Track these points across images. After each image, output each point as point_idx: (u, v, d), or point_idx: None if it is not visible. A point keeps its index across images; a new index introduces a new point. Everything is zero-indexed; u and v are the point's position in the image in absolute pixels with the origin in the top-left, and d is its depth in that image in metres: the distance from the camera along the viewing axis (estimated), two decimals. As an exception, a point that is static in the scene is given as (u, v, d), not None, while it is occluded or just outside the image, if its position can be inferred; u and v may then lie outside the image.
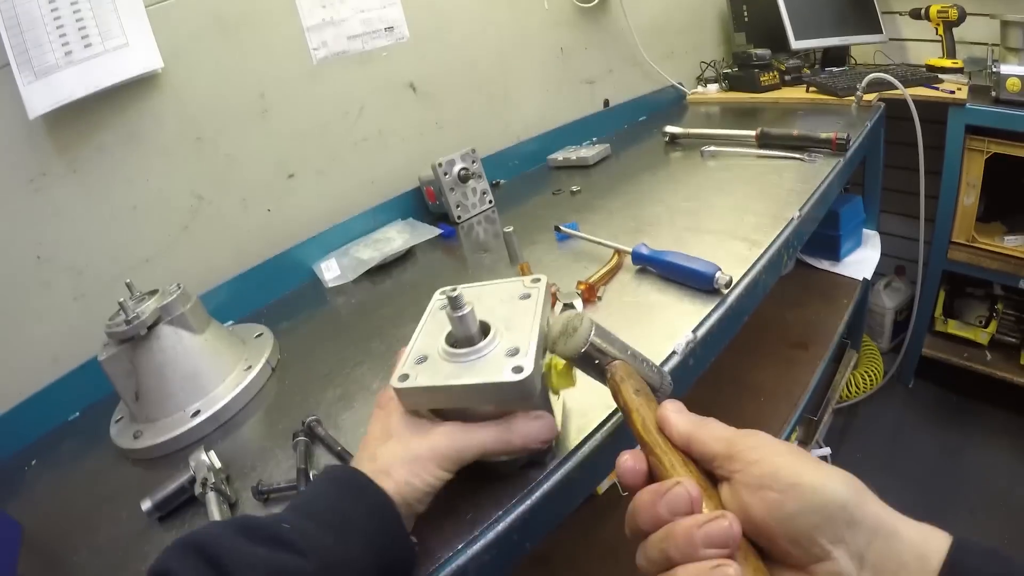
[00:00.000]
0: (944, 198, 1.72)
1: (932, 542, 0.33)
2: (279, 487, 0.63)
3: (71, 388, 0.93)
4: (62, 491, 0.78)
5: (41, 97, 0.86)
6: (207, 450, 0.67)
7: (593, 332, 0.48)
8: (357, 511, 0.45)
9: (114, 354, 0.77)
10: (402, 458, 0.48)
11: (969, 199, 1.68)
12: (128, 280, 0.82)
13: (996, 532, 1.62)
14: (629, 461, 0.41)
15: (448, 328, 0.52)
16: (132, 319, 0.75)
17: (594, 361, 0.48)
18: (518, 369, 0.47)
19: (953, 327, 1.94)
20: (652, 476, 0.40)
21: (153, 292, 0.81)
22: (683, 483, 0.35)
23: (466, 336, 0.50)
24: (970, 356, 1.90)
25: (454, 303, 0.49)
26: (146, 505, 0.63)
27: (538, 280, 0.57)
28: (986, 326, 1.88)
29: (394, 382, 0.49)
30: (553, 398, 0.58)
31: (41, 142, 0.89)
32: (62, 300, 0.94)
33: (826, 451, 1.76)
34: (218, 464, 0.66)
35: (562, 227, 1.06)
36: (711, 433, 0.39)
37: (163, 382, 0.78)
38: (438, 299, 0.59)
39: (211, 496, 0.62)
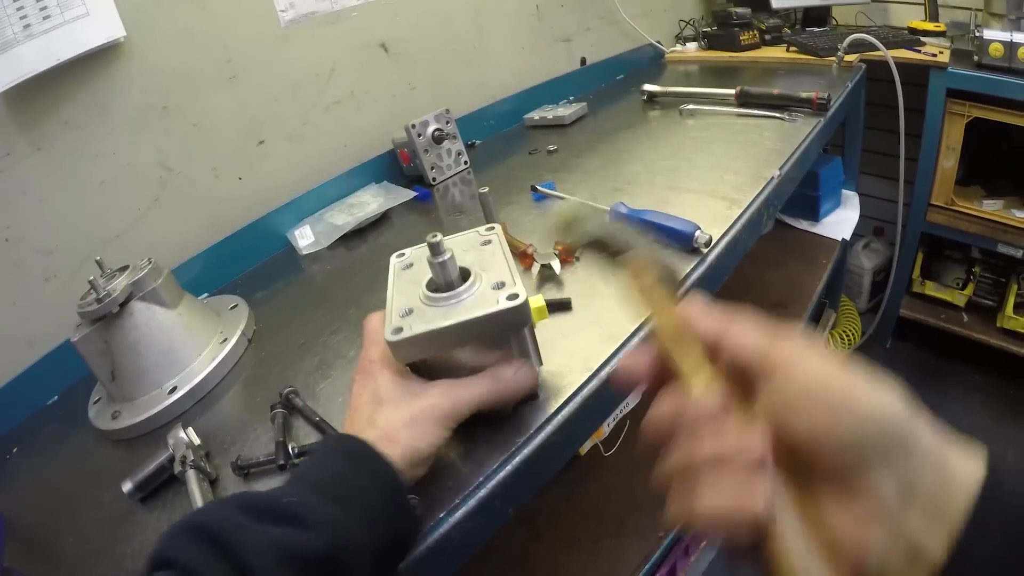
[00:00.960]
0: (924, 161, 1.73)
1: (971, 469, 0.29)
2: (259, 461, 0.61)
3: (48, 371, 0.91)
4: (44, 477, 0.77)
5: (0, 74, 0.82)
6: (185, 427, 0.66)
7: (609, 217, 0.48)
8: (362, 481, 0.44)
9: (87, 334, 0.74)
10: (403, 421, 0.48)
11: (949, 162, 1.69)
12: (98, 257, 0.79)
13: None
14: (632, 358, 0.37)
15: (422, 283, 0.53)
16: (103, 297, 0.73)
17: (608, 248, 0.46)
18: (513, 296, 0.49)
19: (931, 289, 1.97)
20: (666, 381, 0.35)
21: (124, 268, 0.79)
22: (709, 391, 0.32)
23: (448, 281, 0.51)
24: (947, 318, 1.93)
25: (435, 249, 0.50)
26: (127, 487, 0.62)
27: (492, 228, 0.60)
28: (963, 288, 1.91)
29: (388, 336, 0.49)
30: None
31: (2, 120, 0.85)
32: (33, 282, 0.91)
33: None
34: (197, 441, 0.65)
35: (539, 187, 1.04)
36: (743, 335, 0.34)
37: (138, 359, 0.76)
38: (396, 262, 0.59)
39: (191, 474, 0.61)
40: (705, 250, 0.77)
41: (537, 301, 0.54)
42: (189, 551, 0.36)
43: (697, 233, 0.77)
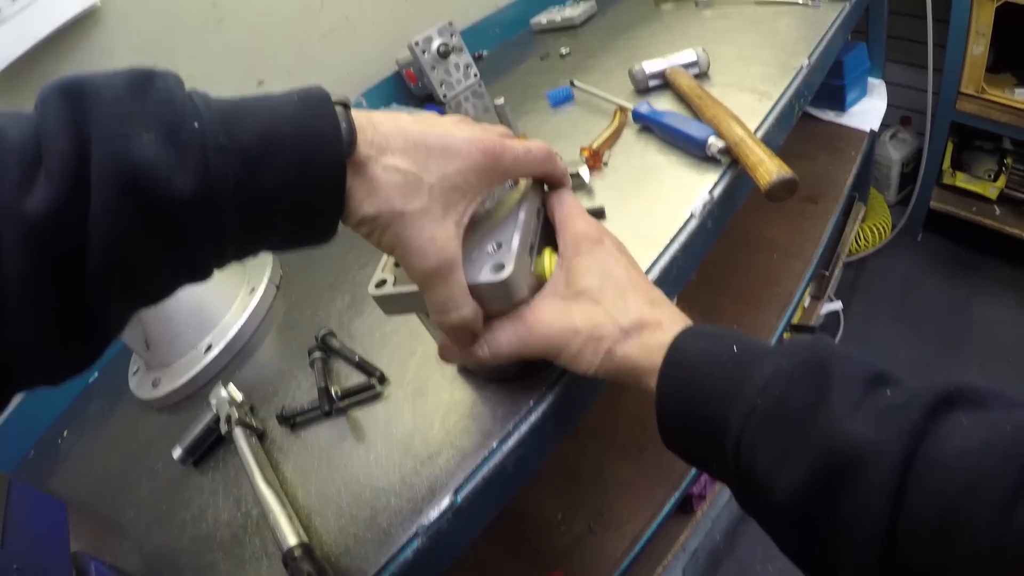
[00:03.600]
0: (952, 47, 1.61)
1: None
2: (303, 410, 0.61)
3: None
4: (97, 456, 0.78)
5: None
6: (225, 384, 0.65)
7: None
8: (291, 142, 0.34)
9: None
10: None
11: (978, 48, 1.57)
12: None
13: (1006, 384, 1.64)
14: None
15: None
16: None
17: None
18: (498, 267, 0.44)
19: (961, 180, 1.88)
20: None
21: None
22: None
23: None
24: (979, 210, 1.85)
25: None
26: (177, 453, 0.62)
27: None
28: (995, 180, 1.82)
29: (371, 288, 0.46)
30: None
31: None
32: None
33: (837, 305, 1.76)
34: (239, 397, 0.64)
35: (576, 82, 1.00)
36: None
37: (170, 324, 0.75)
38: None
39: (238, 432, 0.60)
40: (720, 158, 0.72)
41: (553, 263, 0.48)
42: (51, 105, 0.30)
43: (711, 139, 0.72)
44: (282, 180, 0.33)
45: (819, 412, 0.32)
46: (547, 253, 0.49)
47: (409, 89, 1.28)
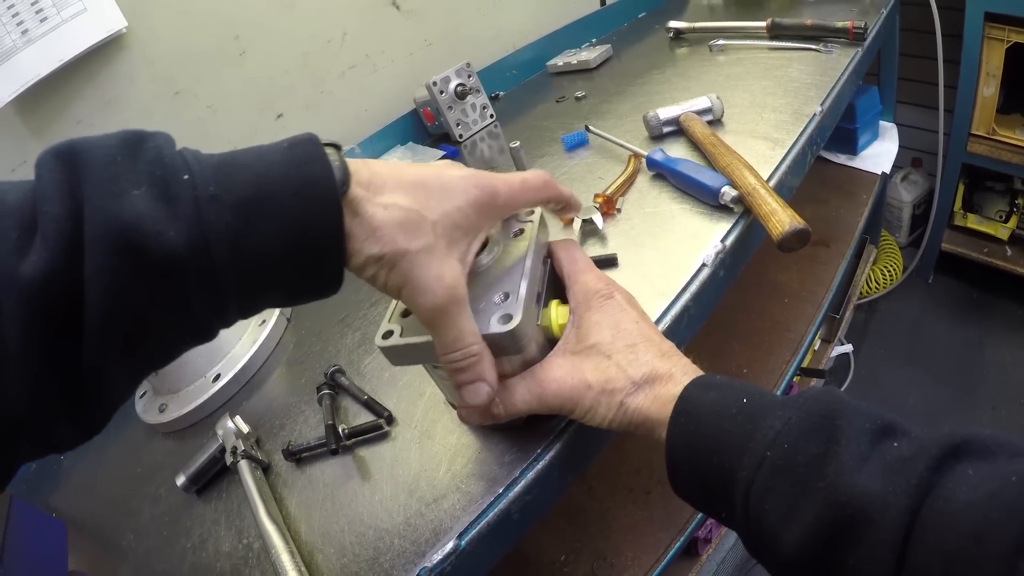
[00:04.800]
0: (963, 88, 1.63)
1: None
2: (309, 446, 0.61)
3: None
4: (99, 477, 0.77)
5: (5, 83, 0.82)
6: (232, 416, 0.65)
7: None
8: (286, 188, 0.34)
9: None
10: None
11: (989, 89, 1.59)
12: None
13: (1018, 428, 1.62)
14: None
15: None
16: None
17: None
18: (507, 318, 0.44)
19: (973, 221, 1.89)
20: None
21: None
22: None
23: None
24: (990, 251, 1.86)
25: None
26: (180, 480, 0.62)
27: (532, 212, 0.53)
28: (1006, 221, 1.83)
29: (378, 340, 0.46)
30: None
31: (15, 129, 0.84)
32: None
33: (848, 347, 1.75)
34: (246, 429, 0.64)
35: (590, 127, 1.01)
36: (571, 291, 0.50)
37: (180, 352, 0.75)
38: None
39: (243, 464, 0.60)
40: (733, 206, 0.72)
41: (560, 315, 0.49)
42: (46, 168, 0.30)
43: (724, 188, 0.72)
44: (277, 226, 0.33)
45: (827, 465, 0.32)
46: (553, 305, 0.50)
47: (425, 128, 1.29)
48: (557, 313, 0.49)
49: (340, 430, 0.60)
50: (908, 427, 0.34)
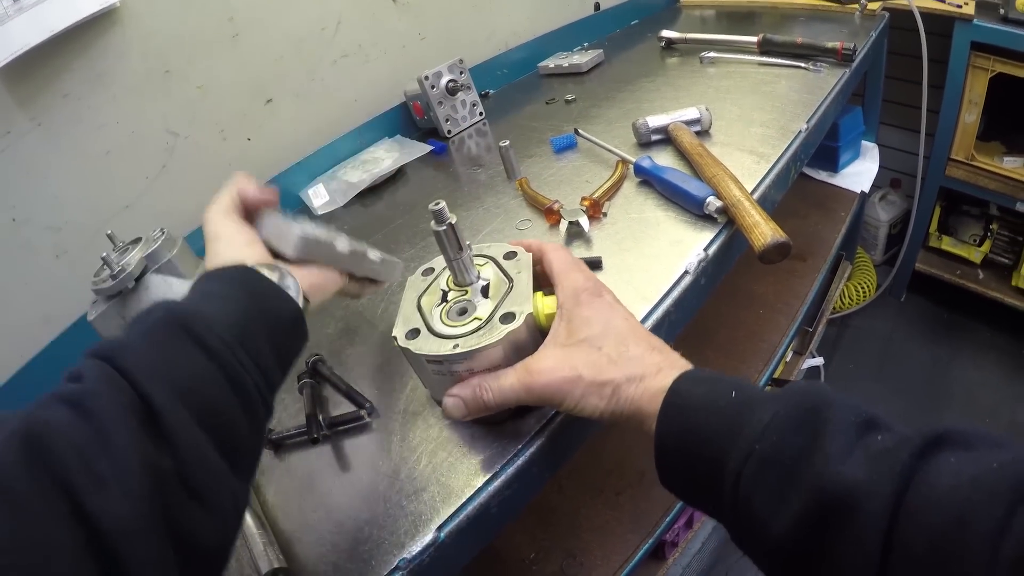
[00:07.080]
0: (945, 114, 1.67)
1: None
2: (290, 434, 0.61)
3: (68, 347, 0.90)
4: None
5: None
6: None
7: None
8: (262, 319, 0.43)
9: (104, 312, 0.71)
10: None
11: (971, 116, 1.63)
12: (109, 231, 0.75)
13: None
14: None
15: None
16: (117, 273, 0.69)
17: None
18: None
19: (947, 244, 1.94)
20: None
21: (136, 240, 0.75)
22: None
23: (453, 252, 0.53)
24: (963, 274, 1.91)
25: (438, 217, 0.51)
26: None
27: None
28: (980, 245, 1.88)
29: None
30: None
31: (1, 98, 0.82)
32: (45, 259, 0.90)
33: (819, 361, 1.78)
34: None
35: (579, 130, 1.02)
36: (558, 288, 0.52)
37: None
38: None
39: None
40: (717, 217, 0.74)
41: (546, 305, 0.52)
42: (93, 372, 0.36)
43: (709, 199, 0.74)
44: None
45: (814, 456, 0.34)
46: (539, 296, 0.52)
47: (414, 122, 1.29)
48: (543, 303, 0.51)
49: (320, 419, 0.60)
50: (891, 422, 0.35)
